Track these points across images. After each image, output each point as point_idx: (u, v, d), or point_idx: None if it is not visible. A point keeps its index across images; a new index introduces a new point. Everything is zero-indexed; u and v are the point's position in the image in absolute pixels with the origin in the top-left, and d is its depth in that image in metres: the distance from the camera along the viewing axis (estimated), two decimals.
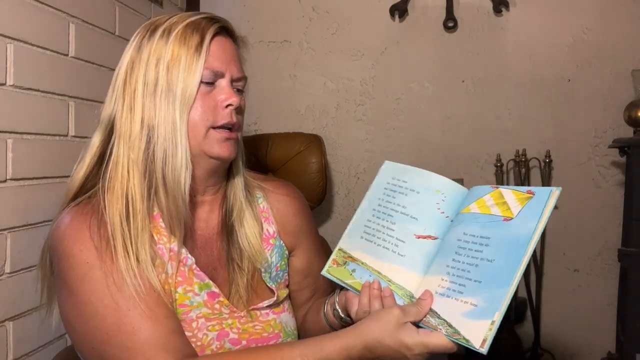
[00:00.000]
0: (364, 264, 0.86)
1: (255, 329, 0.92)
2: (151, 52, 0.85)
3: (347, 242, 0.90)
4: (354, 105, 1.94)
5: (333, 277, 0.89)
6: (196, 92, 0.85)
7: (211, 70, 0.86)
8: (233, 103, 0.87)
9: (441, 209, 0.85)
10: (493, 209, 0.79)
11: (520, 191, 0.79)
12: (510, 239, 0.74)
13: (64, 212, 0.86)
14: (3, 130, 1.03)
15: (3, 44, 1.02)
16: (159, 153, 0.84)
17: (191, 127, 0.85)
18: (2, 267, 1.04)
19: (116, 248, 0.80)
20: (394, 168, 0.93)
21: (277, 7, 1.96)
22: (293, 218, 1.04)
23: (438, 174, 0.88)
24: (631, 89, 1.68)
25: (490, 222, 0.78)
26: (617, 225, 1.73)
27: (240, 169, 0.97)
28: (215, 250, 0.94)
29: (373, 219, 0.89)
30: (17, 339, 1.07)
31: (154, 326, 0.78)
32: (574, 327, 1.83)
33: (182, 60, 0.84)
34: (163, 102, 0.84)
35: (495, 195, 0.81)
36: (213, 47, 0.87)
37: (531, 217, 0.75)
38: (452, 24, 1.83)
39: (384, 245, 0.86)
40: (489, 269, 0.74)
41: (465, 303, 0.73)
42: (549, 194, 0.75)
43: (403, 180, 0.90)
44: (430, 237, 0.83)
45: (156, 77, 0.85)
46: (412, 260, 0.83)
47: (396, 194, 0.89)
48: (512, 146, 1.81)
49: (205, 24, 0.87)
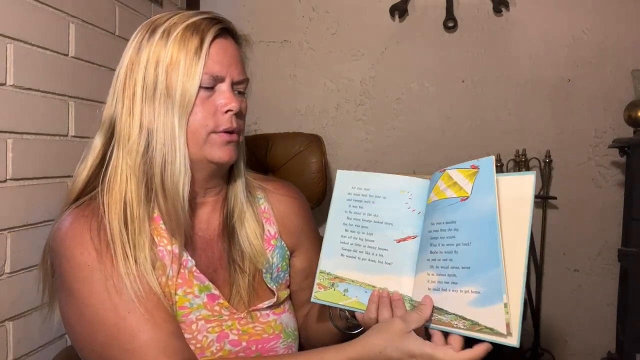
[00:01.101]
0: (355, 282, 0.84)
1: (255, 330, 0.92)
2: (150, 54, 0.84)
3: (328, 263, 0.88)
4: (354, 105, 1.94)
5: (324, 301, 0.86)
6: (195, 97, 0.83)
7: (211, 75, 0.84)
8: (233, 108, 0.86)
9: (411, 207, 0.84)
10: (448, 192, 0.79)
11: (465, 168, 0.79)
12: (477, 218, 0.74)
13: (65, 214, 0.86)
14: (3, 130, 1.03)
15: (3, 44, 1.02)
16: (157, 159, 0.83)
17: (191, 133, 0.84)
18: (2, 267, 1.04)
19: (116, 252, 0.80)
20: (349, 177, 0.91)
21: (277, 7, 1.96)
22: (294, 218, 1.03)
23: None
24: (631, 89, 1.68)
25: (450, 205, 0.78)
26: (617, 225, 1.73)
27: (241, 170, 0.97)
28: (216, 251, 0.94)
29: (347, 234, 0.87)
30: (17, 339, 1.07)
31: (153, 329, 0.78)
32: (574, 327, 1.83)
33: (181, 64, 0.82)
34: (162, 107, 0.83)
35: (445, 178, 0.81)
36: (213, 50, 0.85)
37: (485, 191, 0.74)
38: (452, 24, 1.83)
39: (369, 259, 0.84)
40: (469, 252, 0.73)
41: (467, 292, 0.72)
42: (491, 163, 0.75)
43: (365, 189, 0.88)
44: (410, 237, 0.83)
45: (155, 81, 0.83)
46: (401, 266, 0.82)
47: (362, 203, 0.87)
48: (512, 146, 1.81)
49: (205, 26, 0.85)
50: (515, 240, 0.73)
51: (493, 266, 0.70)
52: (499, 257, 0.70)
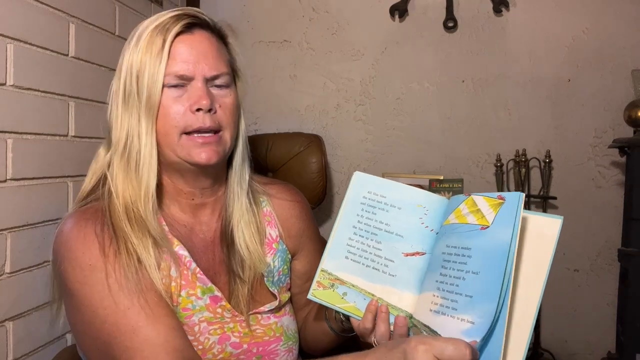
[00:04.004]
0: (355, 287, 0.83)
1: (256, 333, 0.92)
2: (127, 61, 0.85)
3: (331, 263, 0.85)
4: (354, 105, 1.94)
5: (322, 300, 0.85)
6: (159, 99, 0.82)
7: (174, 74, 0.83)
8: (202, 106, 0.83)
9: (425, 223, 0.83)
10: (469, 218, 0.77)
11: (491, 197, 0.77)
12: (491, 249, 0.72)
13: (68, 216, 0.86)
14: (3, 130, 1.03)
15: (3, 44, 1.02)
16: (131, 163, 0.84)
17: (162, 135, 0.84)
18: (2, 267, 1.03)
19: (119, 246, 0.80)
20: (366, 180, 0.88)
21: (277, 7, 1.96)
22: (296, 222, 1.03)
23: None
24: (631, 89, 1.68)
25: (469, 231, 0.76)
26: (617, 225, 1.73)
27: (238, 171, 0.95)
28: (216, 255, 0.94)
29: (356, 238, 0.85)
30: (17, 339, 1.07)
31: (153, 325, 0.77)
32: (574, 327, 1.83)
33: (147, 68, 0.82)
34: (134, 111, 0.84)
35: (468, 203, 0.79)
36: (177, 48, 0.84)
37: (506, 225, 0.72)
38: (452, 24, 1.83)
39: (373, 266, 0.83)
40: (476, 282, 0.71)
41: (462, 320, 0.70)
42: (519, 199, 0.73)
43: (381, 195, 0.86)
44: (418, 253, 0.81)
45: (130, 87, 0.84)
46: (405, 280, 0.81)
47: (376, 210, 0.86)
48: (512, 146, 1.81)
49: (170, 24, 0.84)
50: (531, 281, 0.72)
51: (491, 300, 0.68)
52: (497, 293, 0.68)
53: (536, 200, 1.81)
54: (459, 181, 1.56)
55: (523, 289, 0.72)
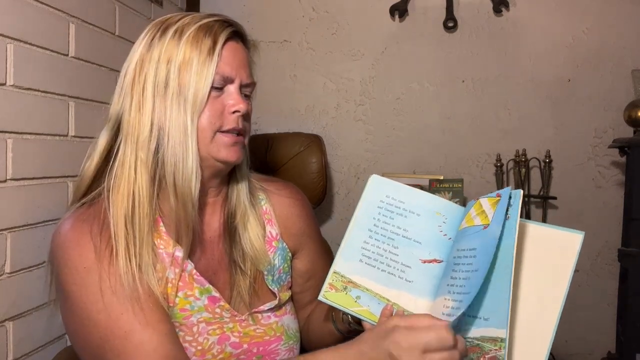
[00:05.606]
0: (369, 291, 0.82)
1: (256, 332, 0.92)
2: (162, 52, 0.84)
3: (344, 266, 0.83)
4: (354, 105, 1.94)
5: (333, 303, 0.83)
6: (207, 97, 0.84)
7: (222, 75, 0.86)
8: (240, 109, 0.87)
9: (443, 232, 0.83)
10: (476, 220, 0.79)
11: (492, 196, 0.78)
12: (487, 244, 0.73)
13: (65, 216, 0.86)
14: (3, 130, 1.03)
15: (3, 44, 1.02)
16: (169, 157, 0.83)
17: (200, 131, 0.85)
18: (2, 267, 1.03)
19: (117, 250, 0.80)
20: (384, 184, 0.88)
21: (277, 7, 1.96)
22: (296, 220, 1.03)
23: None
24: (631, 89, 1.68)
25: (475, 232, 0.77)
26: (617, 225, 1.73)
27: (244, 171, 0.97)
28: (216, 253, 0.94)
29: (371, 241, 0.84)
30: (17, 339, 1.07)
31: (146, 330, 0.77)
32: (574, 327, 1.83)
33: (194, 64, 0.83)
34: (174, 105, 0.83)
35: (476, 206, 0.80)
36: (225, 52, 0.87)
37: (498, 220, 0.74)
38: (452, 24, 1.83)
39: (389, 271, 0.82)
40: (475, 279, 0.72)
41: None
42: (508, 193, 0.75)
43: (400, 201, 0.86)
44: (436, 260, 0.82)
45: (167, 78, 0.84)
46: (421, 286, 0.80)
47: (394, 215, 0.85)
48: (512, 146, 1.81)
49: (218, 28, 0.86)
50: (550, 296, 0.74)
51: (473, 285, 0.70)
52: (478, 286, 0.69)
53: (536, 200, 1.81)
54: (459, 181, 1.56)
55: (541, 303, 0.73)
